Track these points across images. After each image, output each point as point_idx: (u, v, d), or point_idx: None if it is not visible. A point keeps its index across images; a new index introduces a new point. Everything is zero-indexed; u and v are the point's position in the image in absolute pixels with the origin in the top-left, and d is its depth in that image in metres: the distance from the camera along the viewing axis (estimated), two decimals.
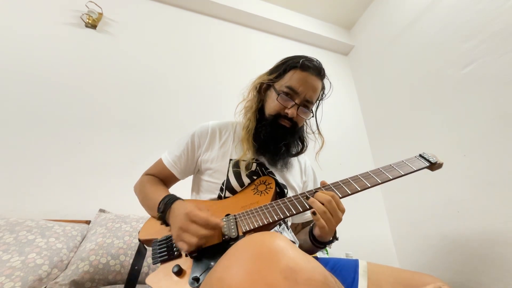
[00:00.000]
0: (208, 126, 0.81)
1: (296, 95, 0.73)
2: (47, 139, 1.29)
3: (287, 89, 0.73)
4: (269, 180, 0.70)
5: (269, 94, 0.78)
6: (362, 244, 1.71)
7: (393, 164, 0.64)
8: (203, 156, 0.77)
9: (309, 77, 0.73)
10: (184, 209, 0.54)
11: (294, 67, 0.74)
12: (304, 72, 0.73)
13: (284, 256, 0.31)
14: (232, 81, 1.87)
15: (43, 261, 0.86)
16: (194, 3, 2.00)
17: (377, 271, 0.59)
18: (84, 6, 1.58)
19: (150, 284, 0.49)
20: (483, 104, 1.35)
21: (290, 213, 0.56)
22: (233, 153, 0.76)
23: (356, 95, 2.45)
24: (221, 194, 0.71)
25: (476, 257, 1.28)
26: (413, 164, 0.64)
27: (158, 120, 1.57)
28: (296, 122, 0.75)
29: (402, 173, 0.61)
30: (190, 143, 0.78)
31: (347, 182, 0.60)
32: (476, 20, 1.44)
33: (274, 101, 0.74)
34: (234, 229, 0.54)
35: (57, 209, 1.18)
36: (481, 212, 1.30)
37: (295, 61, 0.75)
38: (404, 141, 1.84)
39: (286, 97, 0.73)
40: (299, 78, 0.73)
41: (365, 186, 0.58)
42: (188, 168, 0.80)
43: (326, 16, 2.45)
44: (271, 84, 0.78)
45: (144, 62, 1.69)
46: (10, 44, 1.38)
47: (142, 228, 0.67)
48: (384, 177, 0.60)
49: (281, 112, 0.73)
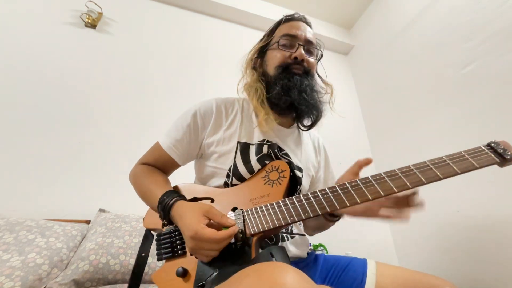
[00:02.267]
0: (212, 103, 0.70)
1: (294, 38, 0.70)
2: (47, 139, 1.29)
3: (283, 38, 0.70)
4: (282, 166, 0.60)
5: (267, 58, 0.74)
6: (362, 243, 1.71)
7: (446, 156, 0.47)
8: (208, 139, 0.67)
9: (297, 23, 0.73)
10: (188, 230, 0.46)
11: (279, 23, 0.75)
12: (291, 21, 0.73)
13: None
14: (232, 80, 1.87)
15: (43, 260, 0.86)
16: (193, 3, 2.00)
17: (386, 272, 0.58)
18: (84, 6, 1.58)
19: (156, 283, 0.49)
20: (483, 104, 1.35)
21: (306, 216, 0.47)
22: (242, 134, 0.68)
23: (356, 95, 2.45)
24: (228, 181, 0.64)
25: (476, 256, 1.29)
26: (477, 159, 0.47)
27: (158, 120, 1.56)
28: (307, 67, 0.70)
29: (458, 172, 0.45)
30: (192, 124, 0.68)
31: (381, 180, 0.47)
32: (476, 20, 1.44)
33: (276, 54, 0.70)
34: (241, 229, 0.50)
35: (57, 209, 1.18)
36: (481, 212, 1.30)
37: (279, 20, 0.76)
38: (404, 141, 1.84)
39: (286, 43, 0.70)
40: (290, 25, 0.72)
41: (405, 186, 0.45)
42: (191, 153, 0.70)
43: (326, 16, 2.45)
44: (265, 47, 0.75)
45: (143, 61, 1.69)
46: (10, 44, 1.38)
47: (146, 215, 0.63)
48: (433, 174, 0.45)
49: (288, 60, 0.68)
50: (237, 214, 0.52)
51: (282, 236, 0.64)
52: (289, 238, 0.65)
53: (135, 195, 0.78)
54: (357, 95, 2.45)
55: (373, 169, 2.08)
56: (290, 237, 0.65)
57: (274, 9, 2.26)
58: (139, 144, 1.46)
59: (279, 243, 0.62)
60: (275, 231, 0.57)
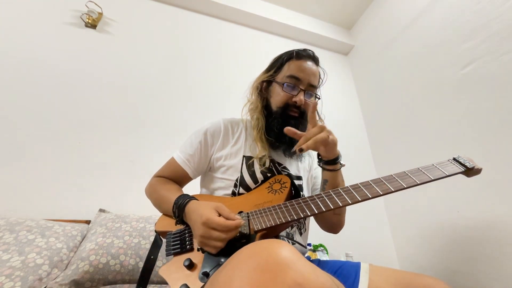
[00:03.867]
0: (221, 123, 0.81)
1: (299, 82, 0.75)
2: (47, 139, 1.29)
3: (289, 79, 0.76)
4: (284, 179, 0.69)
5: (272, 89, 0.80)
6: (362, 244, 1.71)
7: (421, 167, 0.56)
8: (216, 154, 0.77)
9: (306, 63, 0.77)
10: (200, 217, 0.52)
11: (290, 58, 0.79)
12: (300, 60, 0.77)
13: (291, 270, 0.29)
14: (231, 80, 1.88)
15: (43, 261, 0.86)
16: (194, 3, 2.00)
17: (379, 272, 0.59)
18: (84, 6, 1.58)
19: (163, 275, 0.51)
20: (483, 104, 1.35)
21: (304, 214, 0.54)
22: (247, 149, 0.77)
23: (356, 95, 2.45)
24: (235, 190, 0.71)
25: (476, 257, 1.28)
26: (445, 168, 0.55)
27: (158, 120, 1.57)
28: (304, 110, 0.76)
29: (431, 178, 0.53)
30: (203, 141, 0.77)
31: (368, 185, 0.55)
32: (476, 20, 1.44)
33: (280, 93, 0.76)
34: (246, 227, 0.54)
35: (57, 209, 1.18)
36: (481, 212, 1.30)
37: (289, 53, 0.80)
38: (404, 141, 1.84)
39: (290, 85, 0.75)
40: (298, 66, 0.76)
41: (388, 190, 0.52)
42: (201, 167, 0.79)
43: (326, 16, 2.45)
44: (272, 80, 0.80)
45: (143, 61, 1.69)
46: (10, 44, 1.38)
47: (159, 220, 0.69)
48: (410, 181, 0.53)
49: (289, 102, 0.75)
50: (242, 215, 0.59)
51: (283, 240, 0.65)
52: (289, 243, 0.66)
53: (135, 195, 0.78)
54: (357, 95, 2.45)
55: (373, 169, 2.08)
56: (291, 243, 0.66)
57: (274, 8, 2.25)
58: (139, 144, 1.47)
59: None
60: (277, 230, 0.60)
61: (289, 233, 0.69)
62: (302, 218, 0.54)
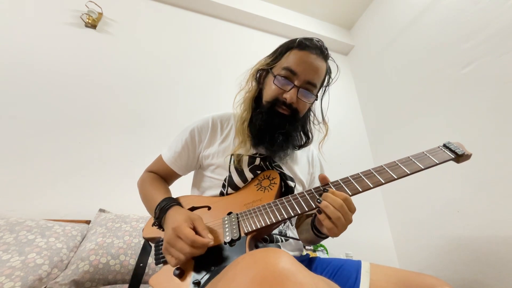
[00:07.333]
0: (209, 119, 0.76)
1: (294, 76, 0.66)
2: (47, 139, 1.29)
3: (284, 71, 0.66)
4: (273, 174, 0.65)
5: (267, 80, 0.72)
6: (362, 244, 1.71)
7: (412, 156, 0.54)
8: (204, 152, 0.73)
9: (308, 56, 0.66)
10: (173, 223, 0.51)
11: (292, 47, 0.69)
12: (302, 51, 0.67)
13: (290, 282, 0.28)
14: (231, 81, 1.87)
15: (43, 261, 0.86)
16: (193, 3, 2.00)
17: (380, 272, 0.58)
18: (84, 6, 1.58)
19: (153, 286, 0.49)
20: (483, 104, 1.35)
21: (295, 213, 0.52)
22: (235, 147, 0.71)
23: (356, 95, 2.45)
24: (223, 190, 0.67)
25: (476, 257, 1.28)
26: (436, 156, 0.54)
27: (158, 120, 1.57)
28: (296, 108, 0.67)
29: (422, 167, 0.52)
30: (189, 139, 0.73)
31: (359, 178, 0.53)
32: (476, 20, 1.44)
33: (271, 86, 0.68)
34: (236, 229, 0.52)
35: (57, 209, 1.18)
36: (481, 212, 1.30)
37: (292, 41, 0.69)
38: (404, 140, 1.84)
39: (283, 79, 0.66)
40: (297, 58, 0.66)
41: (379, 183, 0.51)
42: (190, 164, 0.75)
43: (326, 16, 2.45)
44: (268, 69, 0.72)
45: (143, 61, 1.69)
46: (10, 44, 1.38)
47: (146, 225, 0.66)
48: (401, 171, 0.52)
49: (279, 98, 0.66)
50: (232, 217, 0.56)
51: (276, 238, 0.64)
52: (282, 240, 0.65)
53: (135, 195, 0.78)
54: (357, 95, 2.45)
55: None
56: (284, 239, 0.66)
57: (274, 8, 2.25)
58: (139, 144, 1.47)
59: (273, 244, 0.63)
60: (268, 230, 0.59)
61: (282, 230, 0.67)
62: (293, 216, 0.53)
